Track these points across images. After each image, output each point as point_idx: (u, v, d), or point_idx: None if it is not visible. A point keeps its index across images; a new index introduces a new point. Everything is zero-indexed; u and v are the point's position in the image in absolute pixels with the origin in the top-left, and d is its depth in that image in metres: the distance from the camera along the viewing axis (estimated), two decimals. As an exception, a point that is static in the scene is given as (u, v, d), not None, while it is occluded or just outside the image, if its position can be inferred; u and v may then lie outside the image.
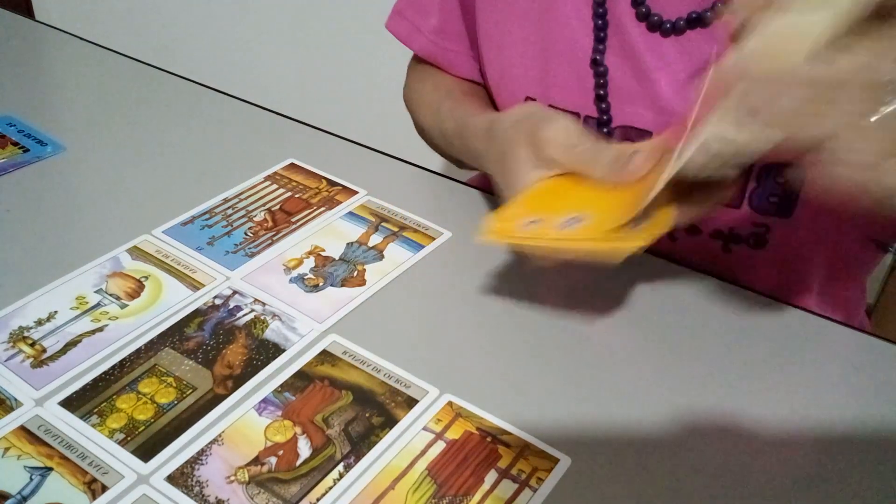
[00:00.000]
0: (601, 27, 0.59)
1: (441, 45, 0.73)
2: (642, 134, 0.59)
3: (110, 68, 0.86)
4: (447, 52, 0.73)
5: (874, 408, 0.50)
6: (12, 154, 0.70)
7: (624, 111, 0.60)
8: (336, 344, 0.53)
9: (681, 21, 0.57)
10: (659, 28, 0.58)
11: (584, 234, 0.49)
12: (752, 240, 0.61)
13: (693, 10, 0.57)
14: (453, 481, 0.45)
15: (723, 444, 0.47)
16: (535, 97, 0.63)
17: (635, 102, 0.59)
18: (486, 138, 0.59)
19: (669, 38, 0.58)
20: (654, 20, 0.58)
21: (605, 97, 0.60)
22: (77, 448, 0.46)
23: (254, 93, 0.87)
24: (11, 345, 0.52)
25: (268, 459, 0.45)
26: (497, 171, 0.56)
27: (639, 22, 0.59)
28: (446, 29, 0.72)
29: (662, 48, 0.58)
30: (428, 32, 0.73)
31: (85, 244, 0.60)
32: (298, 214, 0.64)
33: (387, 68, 1.49)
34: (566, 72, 0.61)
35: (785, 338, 0.55)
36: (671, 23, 0.57)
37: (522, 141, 0.53)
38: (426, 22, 0.73)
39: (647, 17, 0.58)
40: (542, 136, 0.52)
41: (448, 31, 0.72)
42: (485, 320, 0.55)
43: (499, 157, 0.55)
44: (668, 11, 0.58)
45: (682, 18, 0.57)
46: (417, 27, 0.73)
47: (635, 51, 0.59)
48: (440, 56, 0.73)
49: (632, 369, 0.52)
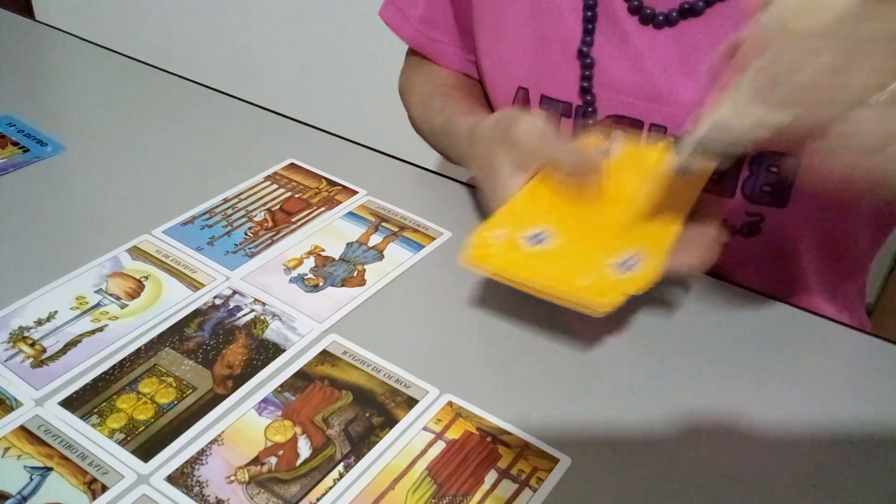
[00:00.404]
0: (590, 19, 0.60)
1: (427, 34, 0.73)
2: (634, 123, 0.60)
3: (110, 68, 0.86)
4: (434, 43, 0.73)
5: (874, 408, 0.50)
6: (12, 154, 0.70)
7: (616, 101, 0.60)
8: (336, 344, 0.53)
9: (673, 12, 0.57)
10: (652, 21, 0.58)
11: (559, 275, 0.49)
12: (745, 229, 0.61)
13: (685, 0, 0.57)
14: (453, 481, 0.45)
15: (723, 444, 0.47)
16: (528, 87, 0.63)
17: (628, 92, 0.60)
18: (469, 142, 0.60)
19: (662, 30, 0.58)
20: (647, 13, 0.58)
21: (590, 89, 0.60)
22: (77, 448, 0.46)
23: (254, 93, 0.87)
24: (11, 345, 0.52)
25: (268, 459, 0.45)
26: (481, 176, 0.57)
27: (631, 15, 0.59)
28: (432, 18, 0.72)
29: (656, 39, 0.58)
30: (415, 21, 0.73)
31: (85, 244, 0.60)
32: (298, 214, 0.64)
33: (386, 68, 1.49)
34: (559, 63, 0.62)
35: (785, 338, 0.55)
36: (664, 14, 0.58)
37: (498, 142, 0.55)
38: (413, 10, 0.73)
39: (640, 11, 0.58)
40: (513, 134, 0.54)
41: (434, 21, 0.72)
42: (485, 320, 0.55)
43: (481, 162, 0.57)
44: (660, 3, 0.58)
45: (674, 10, 0.57)
46: (405, 15, 0.74)
47: (628, 42, 0.59)
48: (427, 46, 0.74)
49: (632, 369, 0.52)
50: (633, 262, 0.49)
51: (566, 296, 0.48)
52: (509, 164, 0.54)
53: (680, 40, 0.58)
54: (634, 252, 0.50)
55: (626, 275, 0.49)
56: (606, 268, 0.49)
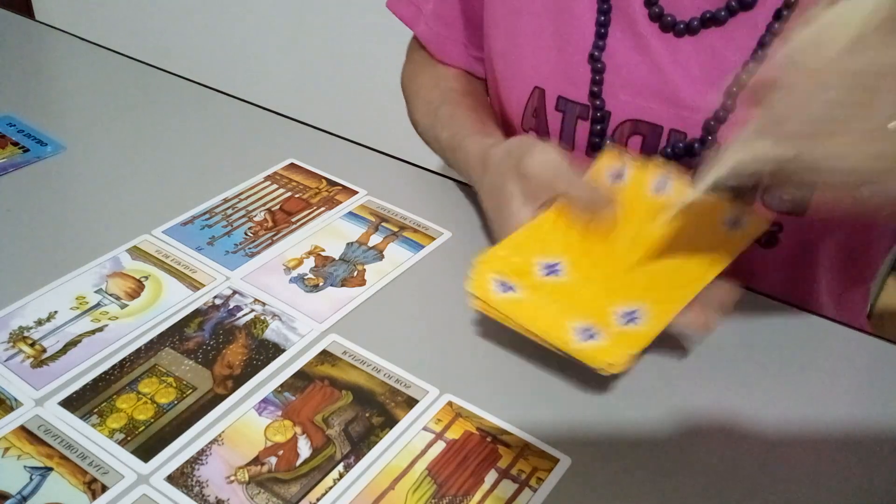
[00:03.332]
0: (603, 23, 0.59)
1: (434, 29, 0.73)
2: (653, 128, 0.59)
3: (110, 68, 0.86)
4: (438, 37, 0.73)
5: (874, 408, 0.50)
6: (12, 154, 0.70)
7: (634, 105, 0.60)
8: (336, 344, 0.53)
9: (695, 21, 0.57)
10: (672, 28, 0.57)
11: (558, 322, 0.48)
12: (763, 238, 0.61)
13: (707, 9, 0.56)
14: (453, 481, 0.45)
15: (723, 445, 0.47)
16: (545, 88, 0.63)
17: (647, 97, 0.59)
18: (479, 168, 0.60)
19: (683, 38, 0.58)
20: (668, 20, 0.57)
21: (600, 94, 0.60)
22: (77, 448, 0.46)
23: (254, 93, 0.86)
24: (11, 345, 0.52)
25: (268, 459, 0.45)
26: (491, 204, 0.57)
27: (652, 22, 0.58)
28: (441, 13, 0.72)
29: (676, 46, 0.58)
30: (428, 15, 0.73)
31: (85, 244, 0.60)
32: (298, 214, 0.64)
33: (386, 68, 1.49)
34: (578, 65, 0.61)
35: (785, 338, 0.55)
36: (685, 23, 0.57)
37: (510, 173, 0.54)
38: (426, 5, 0.73)
39: (661, 18, 0.58)
40: (526, 165, 0.53)
41: (442, 16, 0.72)
42: (485, 320, 0.55)
43: (491, 190, 0.56)
44: (681, 11, 0.57)
45: (695, 18, 0.57)
46: (420, 9, 0.73)
47: (649, 48, 0.58)
48: (436, 41, 0.74)
49: (632, 369, 0.52)
50: (636, 316, 0.48)
51: (567, 352, 0.47)
52: (520, 195, 0.53)
53: (701, 49, 0.57)
54: (640, 305, 0.49)
55: (628, 327, 0.48)
56: (611, 315, 0.48)
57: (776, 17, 0.54)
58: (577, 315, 0.48)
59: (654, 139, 0.59)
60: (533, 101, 0.64)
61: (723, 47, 0.56)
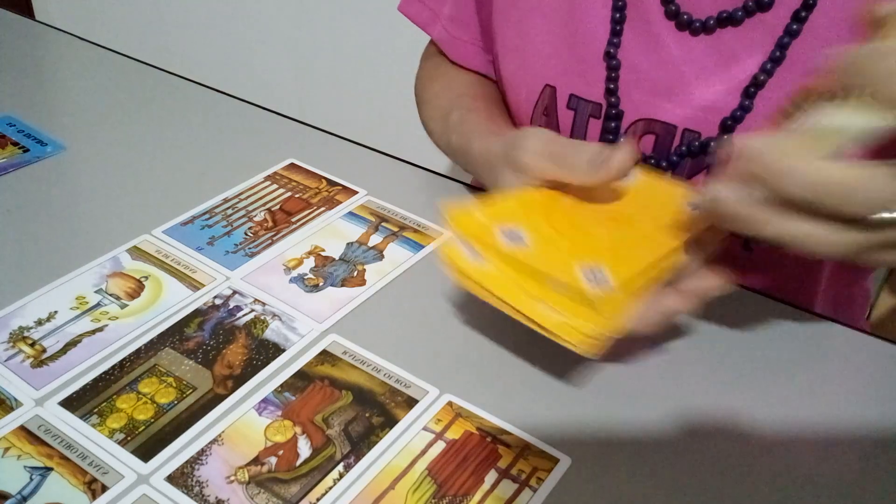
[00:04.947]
0: (618, 20, 0.59)
1: (451, 32, 0.72)
2: (667, 127, 0.59)
3: (110, 68, 0.86)
4: (454, 40, 0.73)
5: (874, 408, 0.50)
6: (12, 154, 0.70)
7: (648, 104, 0.59)
8: (336, 344, 0.53)
9: (711, 20, 0.56)
10: (688, 27, 0.57)
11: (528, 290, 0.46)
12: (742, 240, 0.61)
13: (723, 8, 0.56)
14: (453, 481, 0.45)
15: (723, 445, 0.47)
16: (556, 86, 0.62)
17: (660, 95, 0.59)
18: (487, 168, 0.60)
19: (699, 37, 0.58)
20: (684, 19, 0.57)
21: (616, 91, 0.60)
22: (77, 448, 0.46)
23: (254, 93, 0.87)
24: (11, 345, 0.52)
25: (268, 459, 0.45)
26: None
27: (668, 20, 0.58)
28: (457, 16, 0.72)
29: (691, 45, 0.57)
30: (444, 19, 0.72)
31: (85, 244, 0.60)
32: (298, 214, 0.64)
33: (387, 68, 1.49)
34: (590, 62, 0.61)
35: (784, 338, 0.55)
36: (701, 22, 0.57)
37: (507, 170, 0.54)
38: (442, 8, 0.73)
39: (677, 16, 0.57)
40: (516, 147, 0.53)
41: (459, 20, 0.72)
42: (485, 320, 0.55)
43: (495, 190, 0.56)
44: (697, 10, 0.57)
45: (711, 17, 0.56)
46: (436, 13, 0.73)
47: (664, 46, 0.58)
48: (452, 45, 0.73)
49: (632, 369, 0.52)
50: (601, 276, 0.46)
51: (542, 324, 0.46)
52: (512, 178, 0.53)
53: (716, 48, 0.57)
54: (601, 264, 0.46)
55: (599, 289, 0.45)
56: (576, 270, 0.46)
57: (794, 18, 0.53)
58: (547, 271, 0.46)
59: (667, 138, 0.59)
60: (543, 100, 0.63)
61: (738, 47, 0.56)
